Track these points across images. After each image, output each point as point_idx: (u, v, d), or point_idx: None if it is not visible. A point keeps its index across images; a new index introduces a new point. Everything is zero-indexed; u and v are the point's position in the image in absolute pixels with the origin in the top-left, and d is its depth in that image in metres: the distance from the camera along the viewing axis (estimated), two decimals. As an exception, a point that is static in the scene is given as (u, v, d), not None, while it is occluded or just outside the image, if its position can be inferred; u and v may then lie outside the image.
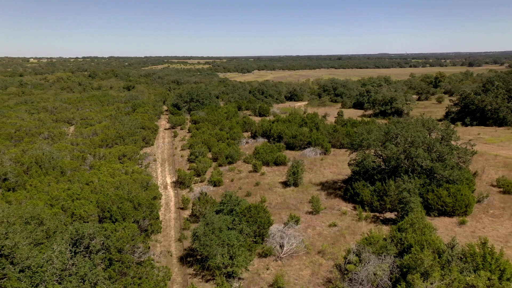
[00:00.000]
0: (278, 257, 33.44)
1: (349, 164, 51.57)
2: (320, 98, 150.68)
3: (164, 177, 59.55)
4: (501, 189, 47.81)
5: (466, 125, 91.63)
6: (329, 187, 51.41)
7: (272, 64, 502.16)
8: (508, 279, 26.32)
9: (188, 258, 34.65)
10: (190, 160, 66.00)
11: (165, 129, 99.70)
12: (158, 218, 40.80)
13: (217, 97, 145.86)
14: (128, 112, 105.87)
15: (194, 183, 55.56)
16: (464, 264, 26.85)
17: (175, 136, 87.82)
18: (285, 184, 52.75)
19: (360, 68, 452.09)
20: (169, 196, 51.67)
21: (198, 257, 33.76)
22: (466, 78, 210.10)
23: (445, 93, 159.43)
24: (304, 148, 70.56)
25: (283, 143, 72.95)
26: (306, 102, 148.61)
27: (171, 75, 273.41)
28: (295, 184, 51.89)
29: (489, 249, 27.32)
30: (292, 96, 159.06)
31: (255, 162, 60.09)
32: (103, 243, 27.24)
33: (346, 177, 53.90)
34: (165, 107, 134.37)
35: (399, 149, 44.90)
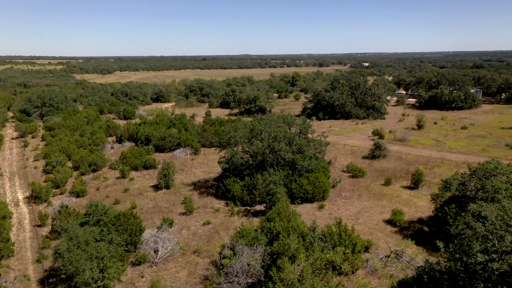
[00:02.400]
0: (153, 262, 32.42)
1: (219, 162, 52.76)
2: (187, 99, 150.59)
3: (14, 193, 52.25)
4: (350, 174, 54.74)
5: (320, 119, 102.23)
6: (202, 186, 51.82)
7: (135, 64, 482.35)
8: (359, 251, 30.34)
9: (51, 279, 31.15)
10: (46, 171, 59.23)
11: (13, 138, 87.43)
12: (9, 240, 35.66)
13: (75, 101, 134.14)
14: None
15: (52, 196, 50.09)
16: (324, 243, 30.02)
17: (25, 146, 77.72)
18: (157, 187, 51.35)
19: (225, 68, 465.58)
20: (22, 213, 45.56)
21: (63, 276, 30.62)
22: (318, 77, 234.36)
23: (301, 91, 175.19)
24: (174, 149, 69.72)
25: (151, 145, 70.80)
26: (174, 103, 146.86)
27: (16, 77, 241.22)
28: (167, 187, 50.94)
29: (343, 227, 31.10)
30: (159, 98, 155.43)
31: (123, 167, 57.05)
32: None
33: (217, 175, 55.07)
34: (10, 114, 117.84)
35: (264, 144, 47.71)
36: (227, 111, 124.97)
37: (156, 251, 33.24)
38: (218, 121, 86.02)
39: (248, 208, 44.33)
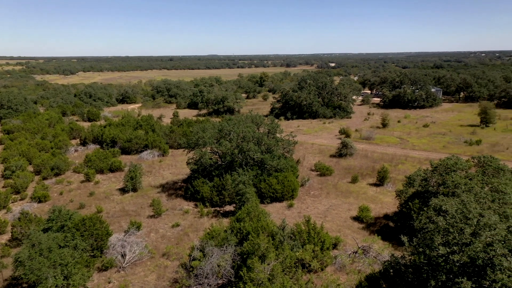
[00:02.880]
0: (120, 267, 31.63)
1: (187, 163, 52.21)
2: (154, 100, 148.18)
3: (-30, 200, 49.59)
4: (318, 172, 55.53)
5: (288, 119, 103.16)
6: (170, 188, 51.10)
7: (99, 65, 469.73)
8: (328, 248, 30.82)
9: (11, 289, 29.80)
10: (5, 176, 56.63)
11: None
12: (-35, 249, 33.80)
13: (35, 103, 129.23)
14: None
15: (12, 202, 47.92)
16: (294, 241, 30.28)
17: (-18, 150, 74.10)
18: (123, 190, 50.19)
19: (192, 69, 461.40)
20: (-21, 221, 43.30)
21: (25, 285, 29.37)
22: (285, 77, 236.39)
23: (269, 91, 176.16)
24: (141, 151, 68.42)
25: (117, 148, 69.18)
26: (140, 104, 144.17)
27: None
28: (134, 189, 49.90)
29: (312, 225, 31.50)
30: (124, 99, 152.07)
31: (87, 170, 55.41)
32: None
33: (186, 176, 54.48)
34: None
35: (233, 144, 47.62)
36: (195, 111, 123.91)
37: (123, 256, 32.47)
38: (186, 122, 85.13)
39: (218, 209, 44.11)
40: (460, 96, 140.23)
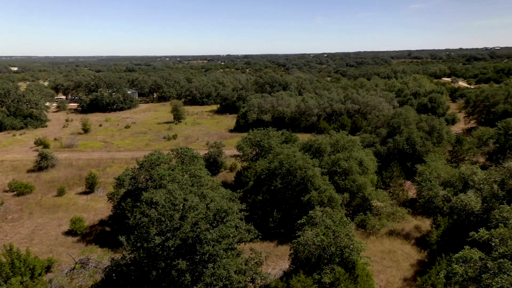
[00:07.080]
0: None
1: None
2: None
3: None
4: (15, 192, 47.93)
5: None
6: None
7: None
8: (40, 274, 27.21)
9: None
10: None
11: None
12: None
13: None
14: None
15: None
16: (-7, 280, 25.01)
17: None
18: None
19: None
20: None
21: None
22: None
23: None
24: None
25: None
26: None
27: None
28: None
29: (16, 253, 26.89)
30: None
31: None
32: None
33: None
34: None
35: None
36: None
37: None
38: None
39: None
40: (154, 96, 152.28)
